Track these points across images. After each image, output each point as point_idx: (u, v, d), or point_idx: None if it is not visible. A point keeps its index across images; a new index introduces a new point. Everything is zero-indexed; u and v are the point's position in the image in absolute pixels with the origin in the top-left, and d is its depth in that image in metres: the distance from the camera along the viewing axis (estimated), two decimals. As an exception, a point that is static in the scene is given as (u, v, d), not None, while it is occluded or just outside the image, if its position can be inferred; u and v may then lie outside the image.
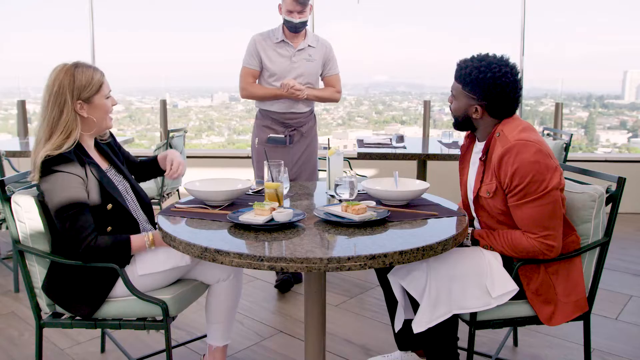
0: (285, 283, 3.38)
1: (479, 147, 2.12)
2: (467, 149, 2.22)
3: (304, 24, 3.19)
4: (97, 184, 2.02)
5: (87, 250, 1.94)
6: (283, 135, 3.31)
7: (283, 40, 3.24)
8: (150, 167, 2.43)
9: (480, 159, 2.05)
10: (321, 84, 3.47)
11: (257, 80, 3.35)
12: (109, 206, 2.02)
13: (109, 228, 2.04)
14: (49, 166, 1.94)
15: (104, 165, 2.16)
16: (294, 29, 3.19)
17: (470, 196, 2.12)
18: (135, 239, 2.02)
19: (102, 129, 2.13)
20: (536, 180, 1.87)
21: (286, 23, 3.19)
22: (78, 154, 2.01)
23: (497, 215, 2.01)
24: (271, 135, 3.32)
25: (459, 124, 2.13)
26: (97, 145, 2.20)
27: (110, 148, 2.26)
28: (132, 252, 2.02)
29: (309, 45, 3.28)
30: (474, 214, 2.15)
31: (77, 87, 2.00)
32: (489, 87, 1.97)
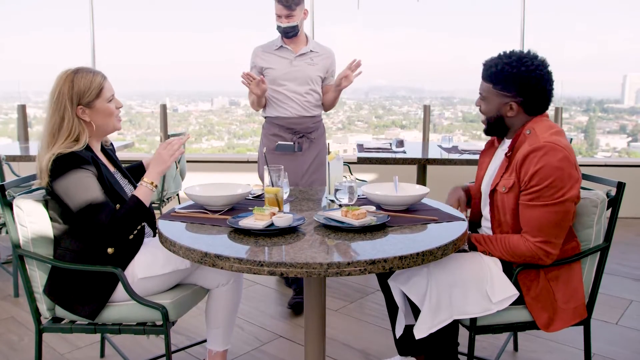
0: (300, 305, 3.21)
1: (506, 143, 2.10)
2: (492, 144, 2.20)
3: (293, 28, 3.15)
4: (107, 184, 2.04)
5: (112, 229, 1.95)
6: (292, 143, 3.25)
7: (282, 46, 3.24)
8: (137, 172, 2.44)
9: (505, 154, 2.02)
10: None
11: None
12: (117, 206, 2.03)
13: None
14: (61, 165, 1.95)
15: (111, 168, 2.19)
16: (284, 34, 3.18)
17: (487, 189, 2.10)
18: (139, 193, 2.04)
19: (108, 131, 2.16)
20: (554, 186, 1.85)
21: (277, 28, 3.19)
22: (89, 154, 2.03)
23: (509, 212, 1.99)
24: (280, 142, 3.26)
25: (490, 126, 2.09)
26: (103, 149, 2.23)
27: (114, 154, 2.29)
28: (146, 204, 2.04)
29: (311, 51, 3.25)
30: (484, 210, 2.13)
31: (76, 93, 2.02)
32: (524, 82, 1.94)
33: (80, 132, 2.03)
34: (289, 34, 3.17)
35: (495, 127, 2.08)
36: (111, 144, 2.32)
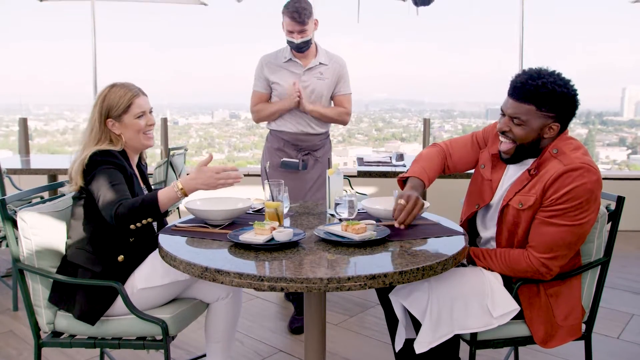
0: (301, 329, 3.12)
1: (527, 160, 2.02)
2: (497, 159, 2.10)
3: (307, 43, 3.04)
4: (134, 193, 2.09)
5: (120, 213, 1.94)
6: (297, 160, 3.16)
7: (291, 59, 3.11)
8: None
9: (529, 172, 1.96)
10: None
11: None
12: None
13: (132, 239, 2.09)
14: (97, 160, 2.03)
15: (141, 183, 2.24)
16: (297, 49, 3.06)
17: (498, 204, 2.05)
18: (162, 192, 2.00)
19: (137, 147, 2.21)
20: (580, 207, 1.83)
21: (288, 43, 3.08)
22: (124, 162, 2.11)
23: (522, 228, 1.96)
24: (285, 159, 3.16)
25: (520, 152, 1.96)
26: (139, 166, 2.30)
27: (146, 170, 2.37)
28: (162, 206, 1.99)
29: (320, 63, 3.13)
30: (489, 223, 2.10)
31: (105, 106, 2.13)
32: (570, 101, 1.88)
33: (112, 139, 2.14)
34: (303, 49, 3.06)
35: (527, 152, 1.96)
36: (145, 163, 2.39)
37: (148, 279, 2.06)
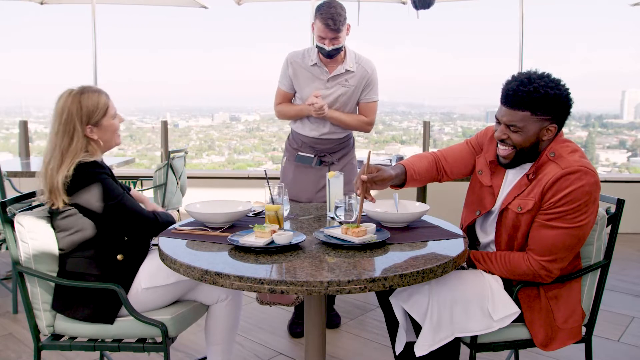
0: (301, 334, 3.11)
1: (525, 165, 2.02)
2: (495, 165, 2.10)
3: (338, 50, 2.88)
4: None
5: (157, 225, 2.14)
6: (312, 155, 3.06)
7: (317, 64, 2.97)
8: None
9: (527, 176, 1.97)
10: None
11: (292, 101, 3.14)
12: None
13: (126, 237, 2.11)
14: (87, 173, 2.01)
15: None
16: (327, 56, 2.91)
17: (498, 208, 2.05)
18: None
19: (111, 146, 2.22)
20: (579, 210, 1.84)
21: (318, 48, 2.92)
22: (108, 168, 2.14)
23: (521, 231, 1.96)
24: (300, 153, 3.09)
25: (520, 156, 1.97)
26: None
27: None
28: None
29: (346, 70, 2.98)
30: (489, 227, 2.11)
31: (85, 114, 2.06)
32: (563, 102, 1.88)
33: (91, 147, 2.09)
34: (333, 55, 2.91)
35: (527, 155, 1.97)
36: None
37: (153, 278, 2.07)
